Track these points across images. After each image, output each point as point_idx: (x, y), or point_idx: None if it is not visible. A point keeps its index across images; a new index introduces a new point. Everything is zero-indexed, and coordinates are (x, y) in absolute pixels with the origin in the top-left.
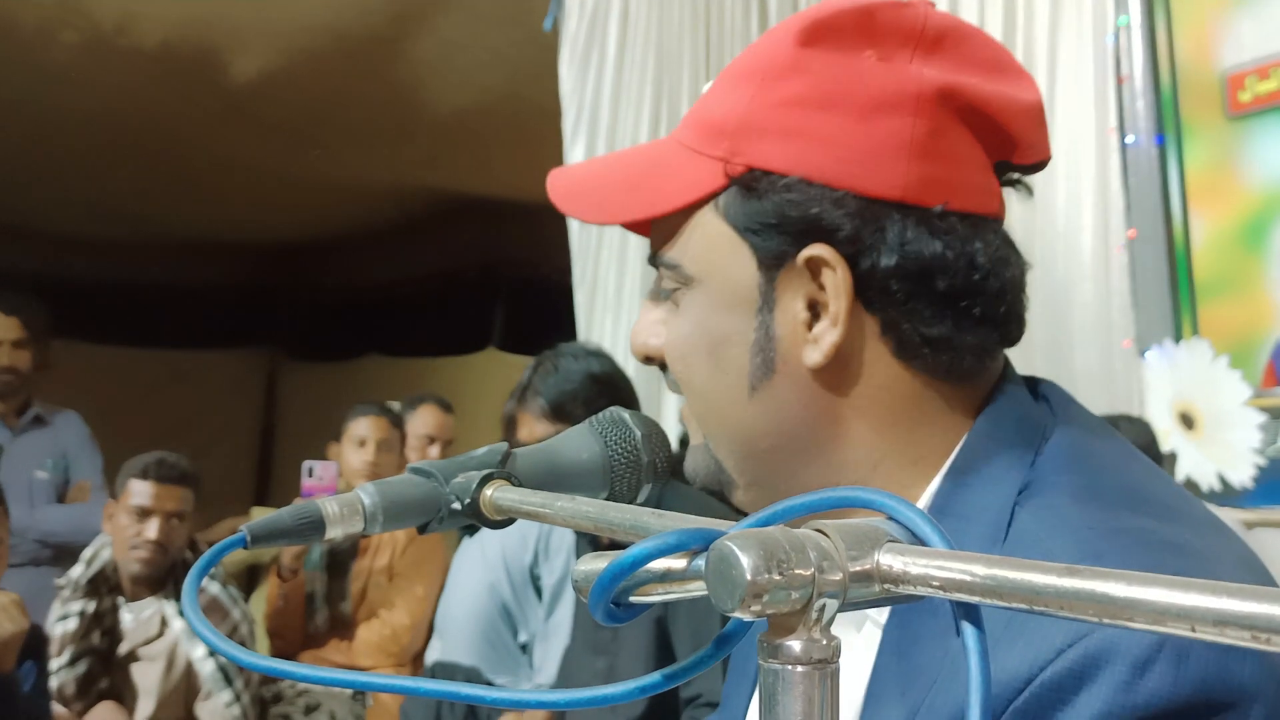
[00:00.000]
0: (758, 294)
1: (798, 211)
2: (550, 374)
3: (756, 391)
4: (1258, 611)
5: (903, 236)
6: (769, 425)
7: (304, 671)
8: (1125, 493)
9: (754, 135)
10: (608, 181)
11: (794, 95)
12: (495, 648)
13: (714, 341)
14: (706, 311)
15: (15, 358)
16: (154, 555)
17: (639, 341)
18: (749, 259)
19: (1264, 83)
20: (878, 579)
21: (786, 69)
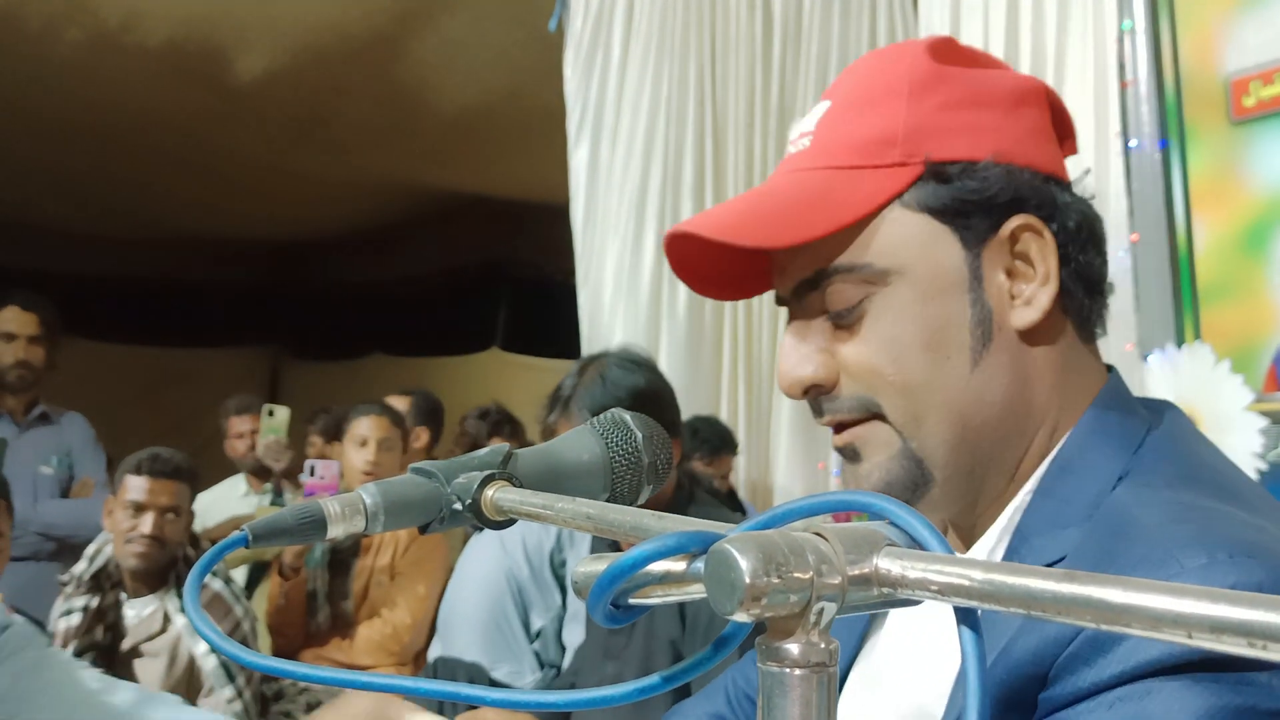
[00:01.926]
0: (967, 272)
1: (998, 187)
2: (596, 385)
3: (979, 365)
4: (1253, 619)
5: (1069, 203)
6: (993, 394)
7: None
8: (1218, 485)
9: (927, 136)
10: (772, 211)
11: (949, 100)
12: (503, 633)
13: (931, 329)
14: (914, 303)
15: (31, 353)
16: (149, 549)
17: (797, 375)
18: (952, 241)
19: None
20: (876, 583)
21: (932, 80)
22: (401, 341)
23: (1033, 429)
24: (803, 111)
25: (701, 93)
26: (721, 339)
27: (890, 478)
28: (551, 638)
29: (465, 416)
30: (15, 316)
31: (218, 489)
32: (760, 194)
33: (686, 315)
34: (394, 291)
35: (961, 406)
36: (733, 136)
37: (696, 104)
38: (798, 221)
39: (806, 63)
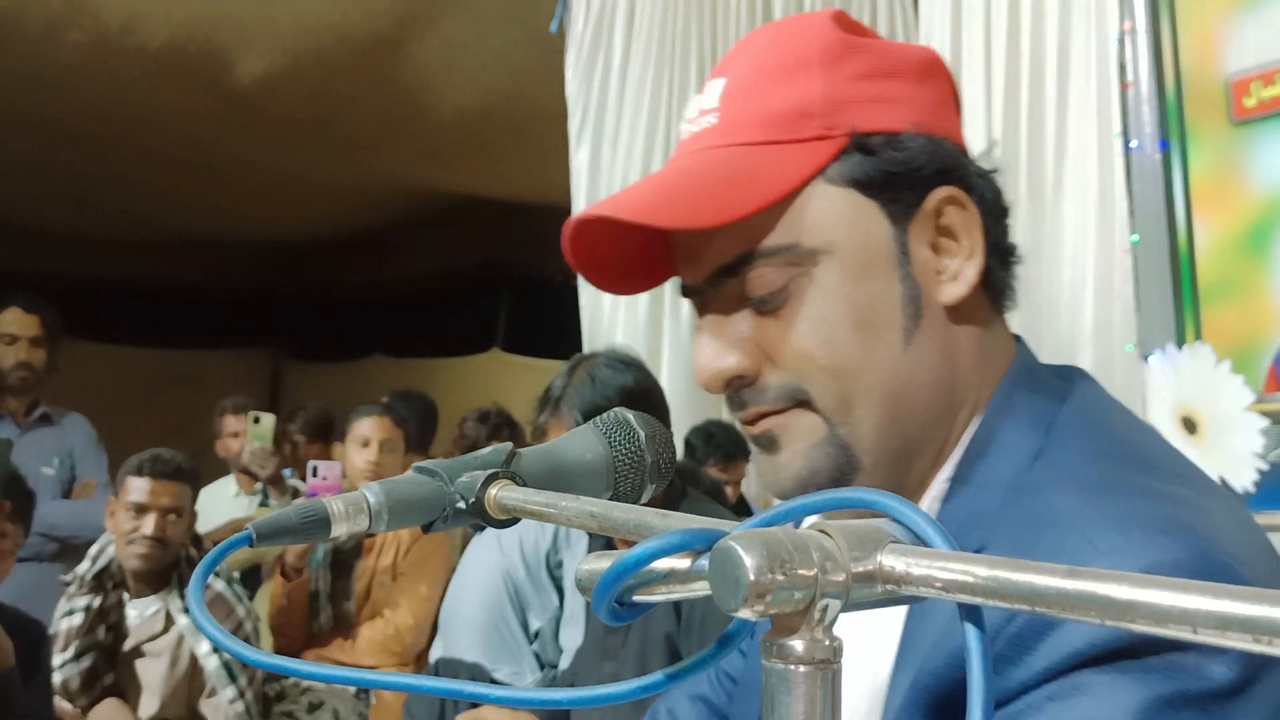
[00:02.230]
0: (895, 247)
1: (924, 158)
2: (585, 385)
3: (910, 344)
4: (1259, 614)
5: (982, 174)
6: (925, 373)
7: (307, 668)
8: (1134, 457)
9: (845, 107)
10: (692, 191)
11: (862, 70)
12: (502, 635)
13: (862, 308)
14: (843, 282)
15: (33, 355)
16: (151, 550)
17: (719, 368)
18: (879, 216)
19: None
20: (880, 580)
21: (843, 50)
22: (402, 343)
23: (956, 410)
24: None
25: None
26: None
27: (814, 465)
28: (550, 639)
29: (465, 418)
30: (17, 318)
31: (208, 489)
32: (673, 174)
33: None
34: (394, 293)
35: (894, 388)
36: None
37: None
38: (722, 200)
39: None
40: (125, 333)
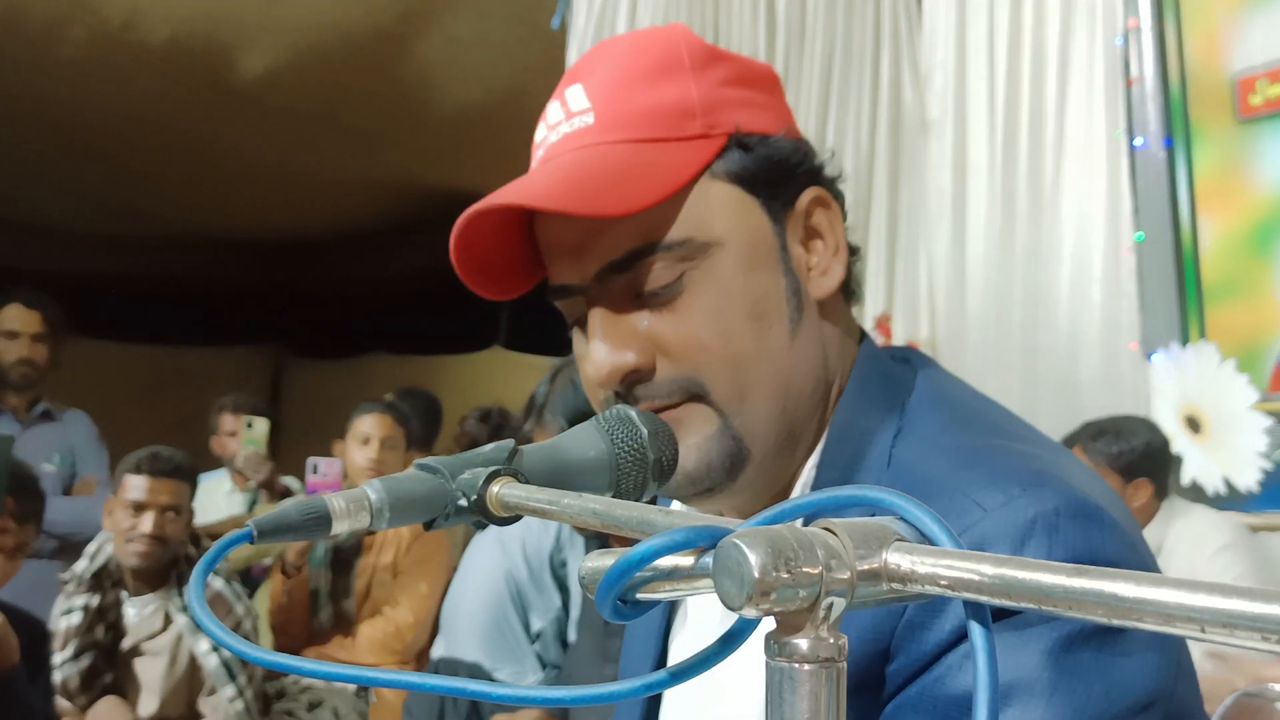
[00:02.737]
0: (776, 242)
1: (797, 158)
2: (567, 390)
3: (795, 335)
4: (1266, 613)
5: (834, 178)
6: (808, 364)
7: (308, 666)
8: (984, 422)
9: (720, 109)
10: (594, 182)
11: (728, 76)
12: (504, 635)
13: (753, 299)
14: (736, 274)
15: (34, 351)
16: (150, 548)
17: (617, 363)
18: (760, 212)
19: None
20: (885, 578)
21: (706, 58)
22: (404, 340)
23: (827, 399)
24: (806, 111)
25: None
26: None
27: (709, 458)
28: (552, 639)
29: (465, 417)
30: (19, 315)
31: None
32: (566, 168)
33: None
34: (396, 290)
35: (784, 377)
36: None
37: None
38: (627, 191)
39: (810, 62)
40: (127, 329)
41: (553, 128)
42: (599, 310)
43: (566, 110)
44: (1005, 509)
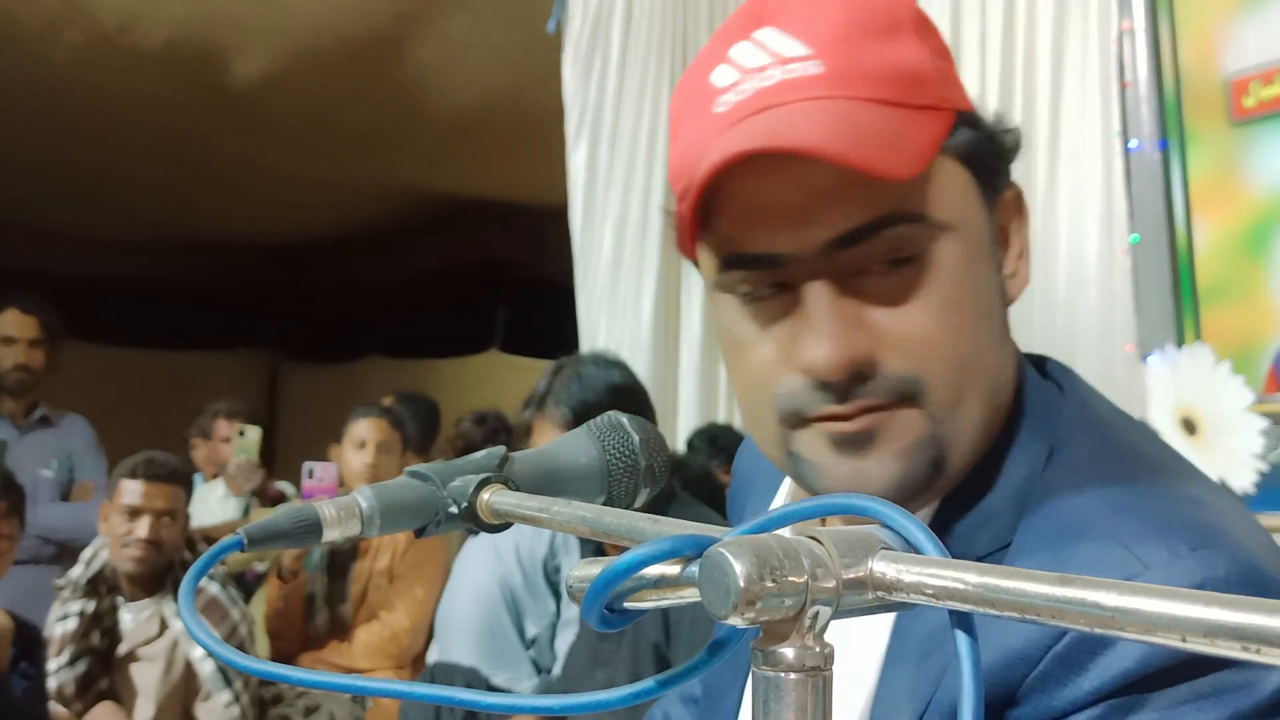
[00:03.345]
0: (988, 233)
1: (1012, 146)
2: (573, 382)
3: (1004, 340)
4: (1248, 622)
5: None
6: (1009, 372)
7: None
8: (1136, 452)
9: (944, 80)
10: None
11: (938, 46)
12: (498, 640)
13: (977, 294)
14: (964, 264)
15: (31, 356)
16: (146, 553)
17: (849, 353)
18: (978, 199)
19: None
20: (871, 586)
21: (923, 21)
22: (400, 344)
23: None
24: None
25: None
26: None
27: (911, 469)
28: (546, 644)
29: (461, 420)
30: (15, 320)
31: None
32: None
33: (686, 318)
34: (392, 293)
35: (994, 385)
36: None
37: None
38: (895, 153)
39: None
40: (123, 334)
41: (756, 72)
42: (823, 287)
43: (773, 54)
44: (1169, 568)
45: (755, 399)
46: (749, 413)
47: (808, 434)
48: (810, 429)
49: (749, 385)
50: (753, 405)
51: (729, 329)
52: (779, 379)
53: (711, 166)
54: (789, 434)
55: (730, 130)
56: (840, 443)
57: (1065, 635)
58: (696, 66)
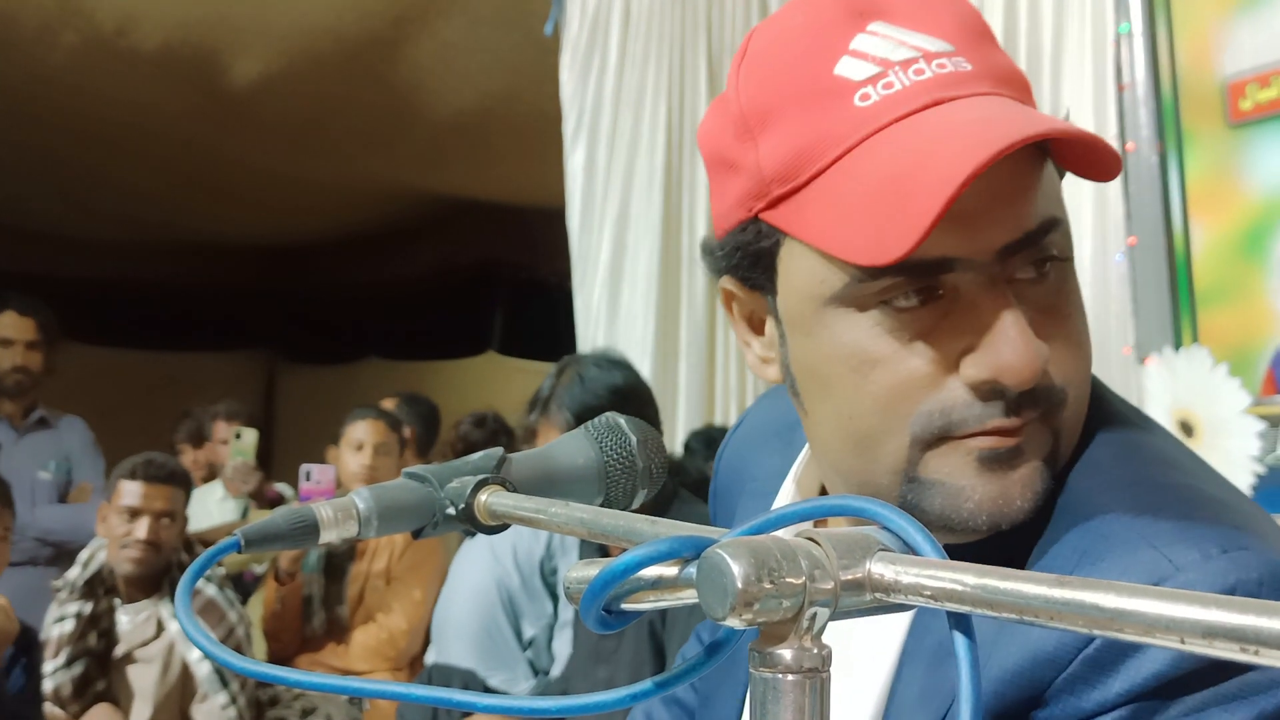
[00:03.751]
0: None
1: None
2: (575, 384)
3: None
4: (1246, 624)
5: None
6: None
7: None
8: (1157, 453)
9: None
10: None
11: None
12: (495, 642)
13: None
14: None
15: (28, 358)
16: (145, 555)
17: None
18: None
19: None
20: (869, 588)
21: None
22: (397, 345)
23: None
24: None
25: (698, 95)
26: (715, 342)
27: (1043, 486)
28: (544, 646)
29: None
30: (12, 322)
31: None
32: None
33: (684, 320)
34: (390, 295)
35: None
36: None
37: (693, 106)
38: (1101, 150)
39: None
40: (121, 335)
41: (902, 65)
42: (1006, 293)
43: (914, 48)
44: (1201, 569)
45: (885, 419)
46: (863, 437)
47: (951, 453)
48: (955, 447)
49: (880, 405)
50: (875, 427)
51: (856, 346)
52: (931, 393)
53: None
54: (921, 457)
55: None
56: (992, 460)
57: (1095, 639)
58: (802, 57)
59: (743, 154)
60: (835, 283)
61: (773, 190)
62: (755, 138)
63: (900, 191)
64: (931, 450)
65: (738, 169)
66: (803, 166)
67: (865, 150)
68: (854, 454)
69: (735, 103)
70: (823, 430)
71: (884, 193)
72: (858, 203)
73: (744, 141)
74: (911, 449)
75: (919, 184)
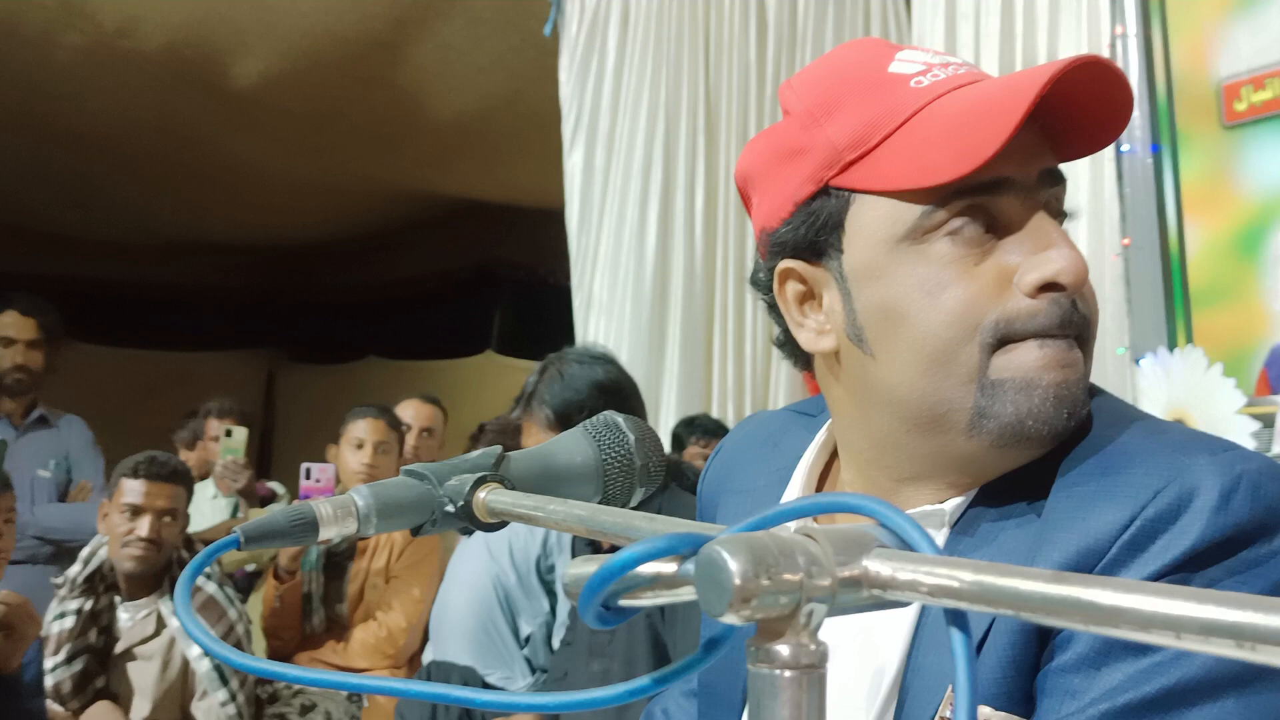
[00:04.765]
0: None
1: None
2: (555, 381)
3: None
4: (1243, 620)
5: None
6: None
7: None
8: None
9: None
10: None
11: None
12: (493, 639)
13: None
14: None
15: (30, 357)
16: (147, 552)
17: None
18: None
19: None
20: (866, 584)
21: None
22: (397, 345)
23: None
24: None
25: (695, 96)
26: (712, 343)
27: (1082, 398)
28: (541, 643)
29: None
30: (14, 321)
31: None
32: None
33: (681, 320)
34: (389, 295)
35: None
36: (726, 140)
37: (690, 107)
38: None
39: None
40: (122, 334)
41: (940, 65)
42: (1038, 210)
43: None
44: (1212, 463)
45: (958, 331)
46: (938, 352)
47: (1016, 352)
48: (1020, 346)
49: (953, 318)
50: (950, 340)
51: (927, 273)
52: (996, 304)
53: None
54: (990, 361)
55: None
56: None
57: (1135, 521)
58: (856, 65)
59: (811, 138)
60: (907, 218)
61: (845, 157)
62: (822, 123)
63: (978, 116)
64: (998, 352)
65: (805, 152)
66: (872, 133)
67: (930, 110)
68: (928, 374)
69: (798, 105)
70: (894, 364)
71: (960, 125)
72: (934, 140)
73: (811, 128)
74: (981, 355)
75: (996, 107)
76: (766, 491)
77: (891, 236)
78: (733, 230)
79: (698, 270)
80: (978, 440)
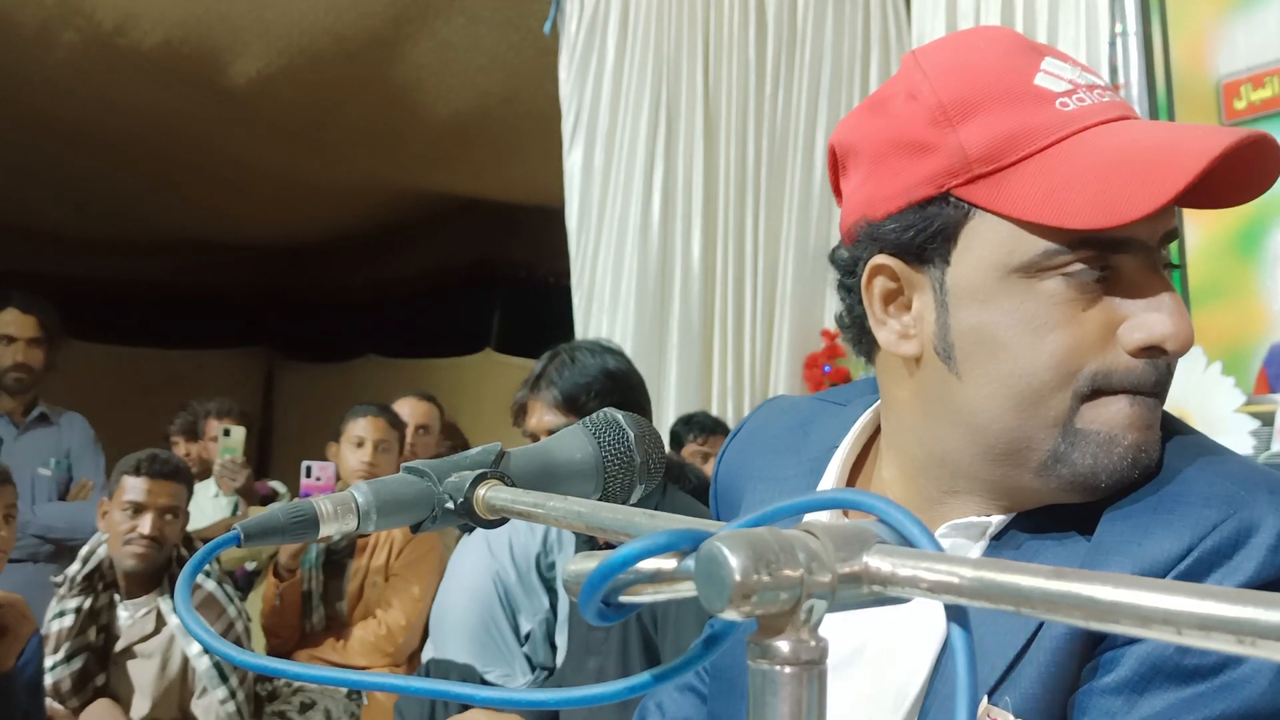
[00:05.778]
0: None
1: None
2: (566, 365)
3: None
4: (1242, 616)
5: None
6: None
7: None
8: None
9: None
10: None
11: None
12: (493, 637)
13: None
14: None
15: (30, 355)
16: (148, 550)
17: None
18: None
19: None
20: (866, 580)
21: None
22: (395, 343)
23: None
24: (796, 115)
25: (695, 95)
26: (712, 341)
27: (1157, 450)
28: (541, 640)
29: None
30: (14, 319)
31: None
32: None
33: (680, 318)
34: (388, 294)
35: None
36: (725, 139)
37: (690, 107)
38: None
39: (800, 65)
40: (121, 333)
41: (1086, 88)
42: (1156, 277)
43: (1085, 73)
44: (1272, 501)
45: (1056, 375)
46: (1032, 393)
47: (1107, 406)
48: (1111, 400)
49: (1054, 362)
50: (1046, 383)
51: (1036, 310)
52: (1098, 355)
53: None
54: (1079, 409)
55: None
56: (1142, 413)
57: (1192, 552)
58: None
59: (940, 138)
60: (1028, 251)
61: (975, 169)
62: (955, 125)
63: (1130, 173)
64: (1088, 403)
65: (931, 151)
66: (1009, 150)
67: (1075, 143)
68: (1016, 410)
69: (931, 95)
70: (981, 391)
71: (1107, 175)
72: (1076, 181)
73: (942, 127)
74: (1073, 401)
75: (1154, 172)
76: (798, 481)
77: (1005, 264)
78: (732, 229)
79: (697, 269)
80: (1044, 480)
